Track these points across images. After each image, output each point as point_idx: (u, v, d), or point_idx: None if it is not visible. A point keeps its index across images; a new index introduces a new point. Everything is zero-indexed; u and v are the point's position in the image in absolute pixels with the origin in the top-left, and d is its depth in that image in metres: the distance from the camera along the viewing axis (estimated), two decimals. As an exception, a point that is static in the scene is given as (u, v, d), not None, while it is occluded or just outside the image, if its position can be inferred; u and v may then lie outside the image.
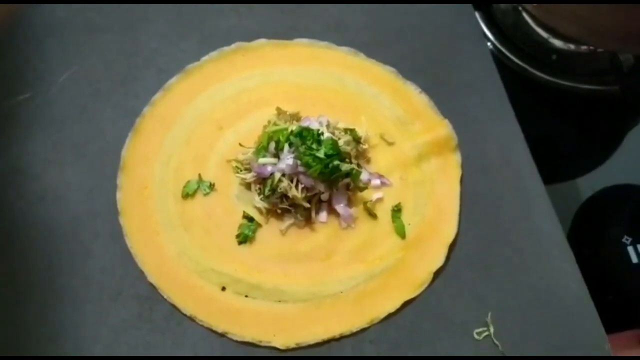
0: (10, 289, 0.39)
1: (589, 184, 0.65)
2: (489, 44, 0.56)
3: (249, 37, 0.48)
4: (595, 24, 0.39)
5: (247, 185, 0.41)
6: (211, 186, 0.41)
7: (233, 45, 0.47)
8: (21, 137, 0.44)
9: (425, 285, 0.39)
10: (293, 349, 0.37)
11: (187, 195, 0.41)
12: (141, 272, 0.39)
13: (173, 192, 0.42)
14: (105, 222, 0.41)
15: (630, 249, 0.53)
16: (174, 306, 0.38)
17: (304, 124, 0.41)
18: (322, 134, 0.39)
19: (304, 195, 0.39)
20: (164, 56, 0.47)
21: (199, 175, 0.42)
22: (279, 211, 0.40)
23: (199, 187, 0.41)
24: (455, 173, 0.43)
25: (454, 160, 0.44)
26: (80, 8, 0.50)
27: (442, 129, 0.45)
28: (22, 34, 0.48)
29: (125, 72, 0.47)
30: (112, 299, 0.39)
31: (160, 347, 0.38)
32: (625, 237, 0.53)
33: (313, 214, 0.41)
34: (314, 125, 0.41)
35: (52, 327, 0.38)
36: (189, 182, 0.41)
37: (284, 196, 0.40)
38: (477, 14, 0.55)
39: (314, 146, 0.38)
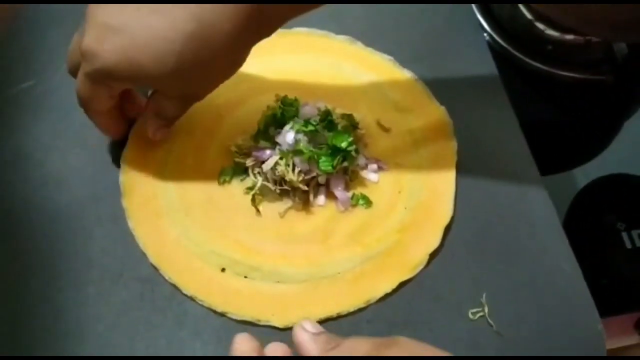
0: (13, 270, 0.40)
1: (585, 173, 0.66)
2: (485, 34, 0.56)
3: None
4: (588, 13, 0.39)
5: (246, 170, 0.42)
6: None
7: (233, 34, 0.48)
8: (25, 124, 0.45)
9: (421, 266, 0.40)
10: (291, 328, 0.38)
11: (224, 181, 0.42)
12: (142, 254, 0.40)
13: (175, 177, 0.42)
14: (107, 206, 0.42)
15: (624, 234, 0.53)
16: (174, 287, 0.39)
17: (302, 109, 0.42)
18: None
19: (301, 178, 0.40)
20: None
21: (234, 161, 0.43)
22: (277, 193, 0.41)
23: (234, 173, 0.43)
24: (451, 159, 0.44)
25: (450, 147, 0.45)
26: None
27: (439, 115, 0.46)
28: (25, 22, 0.49)
29: (127, 61, 0.47)
30: (113, 281, 0.40)
31: (162, 327, 0.38)
32: (620, 223, 0.54)
33: (311, 197, 0.41)
34: (312, 111, 0.42)
35: (54, 306, 0.38)
36: (224, 169, 0.43)
37: (282, 180, 0.40)
38: (473, 5, 0.56)
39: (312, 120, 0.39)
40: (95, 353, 0.37)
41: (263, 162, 0.41)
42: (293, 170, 0.40)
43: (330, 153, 0.40)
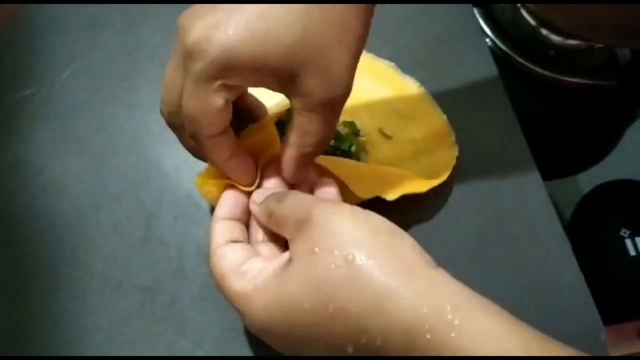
0: (13, 279, 0.40)
1: (588, 179, 0.66)
2: (487, 39, 0.56)
3: (250, 32, 0.48)
4: (592, 18, 0.39)
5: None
6: None
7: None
8: (25, 131, 0.45)
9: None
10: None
11: None
12: (142, 263, 0.40)
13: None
14: (108, 214, 0.42)
15: (628, 241, 0.53)
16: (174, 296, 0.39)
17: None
18: None
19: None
20: (166, 51, 0.48)
21: None
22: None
23: None
24: (451, 168, 0.44)
25: (451, 156, 0.44)
26: (83, 4, 0.50)
27: (441, 124, 0.45)
28: (26, 30, 0.49)
29: (128, 67, 0.47)
30: (114, 289, 0.39)
31: (162, 336, 0.38)
32: (623, 230, 0.54)
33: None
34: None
35: (54, 316, 0.38)
36: None
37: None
38: (475, 10, 0.56)
39: None
40: (95, 363, 0.37)
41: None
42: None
43: None
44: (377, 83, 0.47)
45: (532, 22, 0.55)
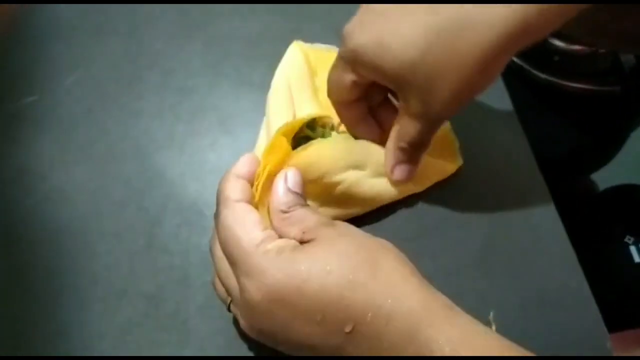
0: (16, 287, 0.39)
1: (592, 184, 0.66)
2: (490, 45, 0.56)
3: (252, 38, 0.48)
4: (597, 22, 0.39)
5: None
6: None
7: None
8: (28, 139, 0.45)
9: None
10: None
11: None
12: (146, 271, 0.40)
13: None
14: (111, 222, 0.42)
15: (632, 248, 0.53)
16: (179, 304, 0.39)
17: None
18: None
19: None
20: (169, 57, 0.48)
21: None
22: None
23: None
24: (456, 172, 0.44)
25: (455, 164, 0.44)
26: (85, 11, 0.50)
27: (443, 131, 0.45)
28: (28, 37, 0.49)
29: (131, 74, 0.47)
30: (118, 297, 0.39)
31: (166, 345, 0.38)
32: (628, 236, 0.53)
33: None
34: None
35: (58, 324, 0.38)
36: None
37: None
38: (479, 16, 0.56)
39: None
40: (99, 372, 0.37)
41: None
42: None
43: None
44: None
45: (535, 27, 0.54)
